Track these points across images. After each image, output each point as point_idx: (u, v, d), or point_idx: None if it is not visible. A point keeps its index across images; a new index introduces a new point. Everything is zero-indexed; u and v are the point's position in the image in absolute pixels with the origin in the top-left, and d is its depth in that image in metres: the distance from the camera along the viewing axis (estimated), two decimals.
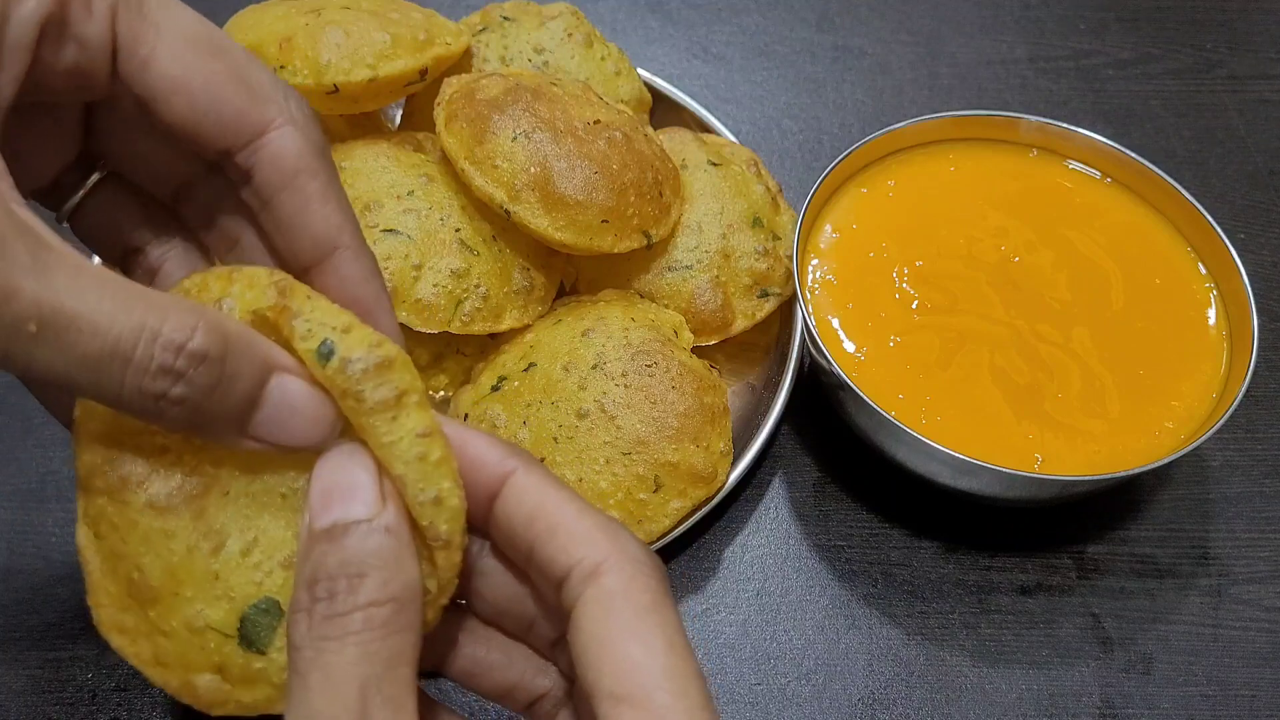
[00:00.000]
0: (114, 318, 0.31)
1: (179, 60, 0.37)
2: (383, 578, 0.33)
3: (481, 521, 0.36)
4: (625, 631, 0.32)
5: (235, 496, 0.37)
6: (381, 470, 0.34)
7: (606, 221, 0.61)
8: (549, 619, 0.38)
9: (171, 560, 0.36)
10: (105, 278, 0.31)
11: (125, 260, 0.44)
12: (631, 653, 0.32)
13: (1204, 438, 0.57)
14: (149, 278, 0.44)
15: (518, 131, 0.60)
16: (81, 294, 0.31)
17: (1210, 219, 0.66)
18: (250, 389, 0.34)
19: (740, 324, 0.66)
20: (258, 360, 0.34)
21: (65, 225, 0.43)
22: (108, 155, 0.42)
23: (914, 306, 0.65)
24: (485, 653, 0.38)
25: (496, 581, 0.38)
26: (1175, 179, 0.68)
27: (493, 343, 0.65)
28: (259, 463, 0.37)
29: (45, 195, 0.43)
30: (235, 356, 0.33)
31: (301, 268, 0.40)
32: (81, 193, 0.42)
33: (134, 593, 0.37)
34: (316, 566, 0.33)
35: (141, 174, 0.43)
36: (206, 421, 0.34)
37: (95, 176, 0.43)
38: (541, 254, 0.64)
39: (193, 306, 0.32)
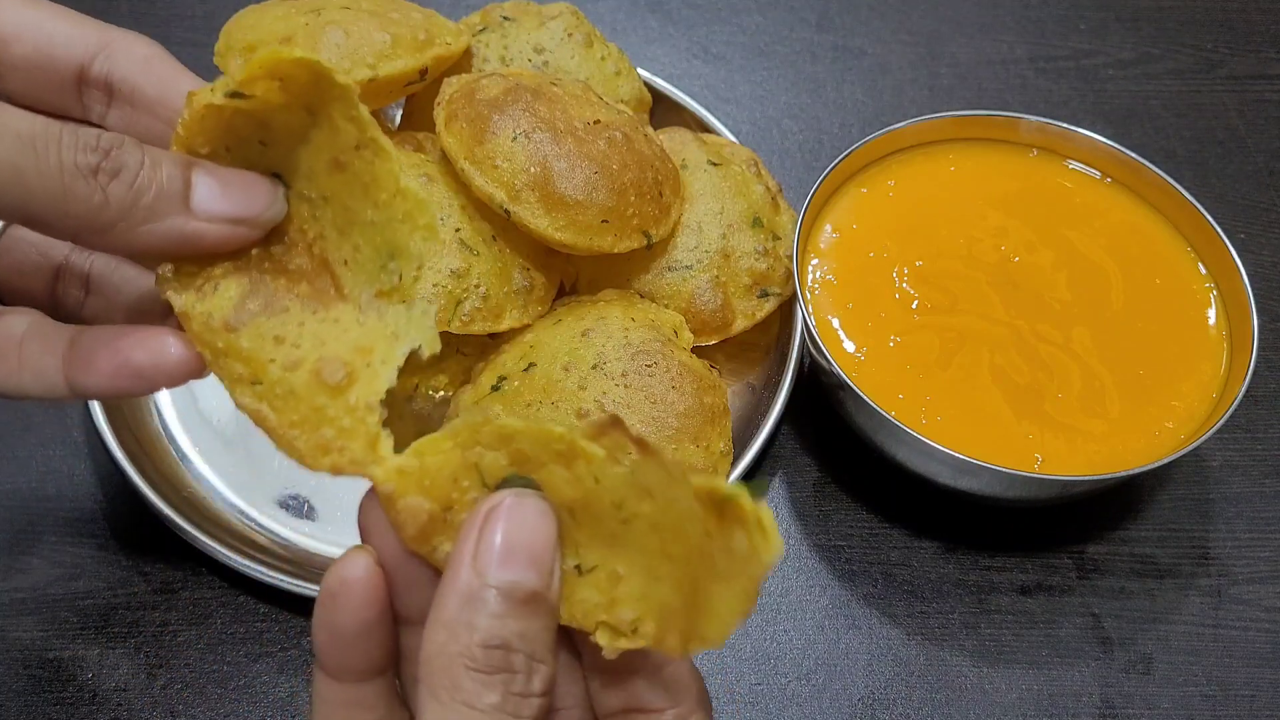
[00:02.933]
0: (24, 118, 0.34)
1: (13, 10, 0.41)
2: (551, 668, 0.33)
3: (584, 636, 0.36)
4: None
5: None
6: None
7: (606, 221, 0.61)
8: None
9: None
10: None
11: (55, 288, 0.45)
12: None
13: (1204, 438, 0.57)
14: (82, 287, 0.45)
15: (518, 131, 0.60)
16: None
17: (1210, 219, 0.66)
18: (178, 170, 0.36)
19: (740, 324, 0.66)
20: (172, 151, 0.37)
21: None
22: None
23: (914, 306, 0.65)
24: None
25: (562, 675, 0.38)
26: (1175, 179, 0.68)
27: (493, 343, 0.64)
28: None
29: None
30: (151, 149, 0.36)
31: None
32: None
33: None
34: (495, 628, 0.32)
35: None
36: (150, 201, 0.36)
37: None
38: (541, 254, 0.64)
39: None
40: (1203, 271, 0.67)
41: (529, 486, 0.35)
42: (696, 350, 0.64)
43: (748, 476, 0.65)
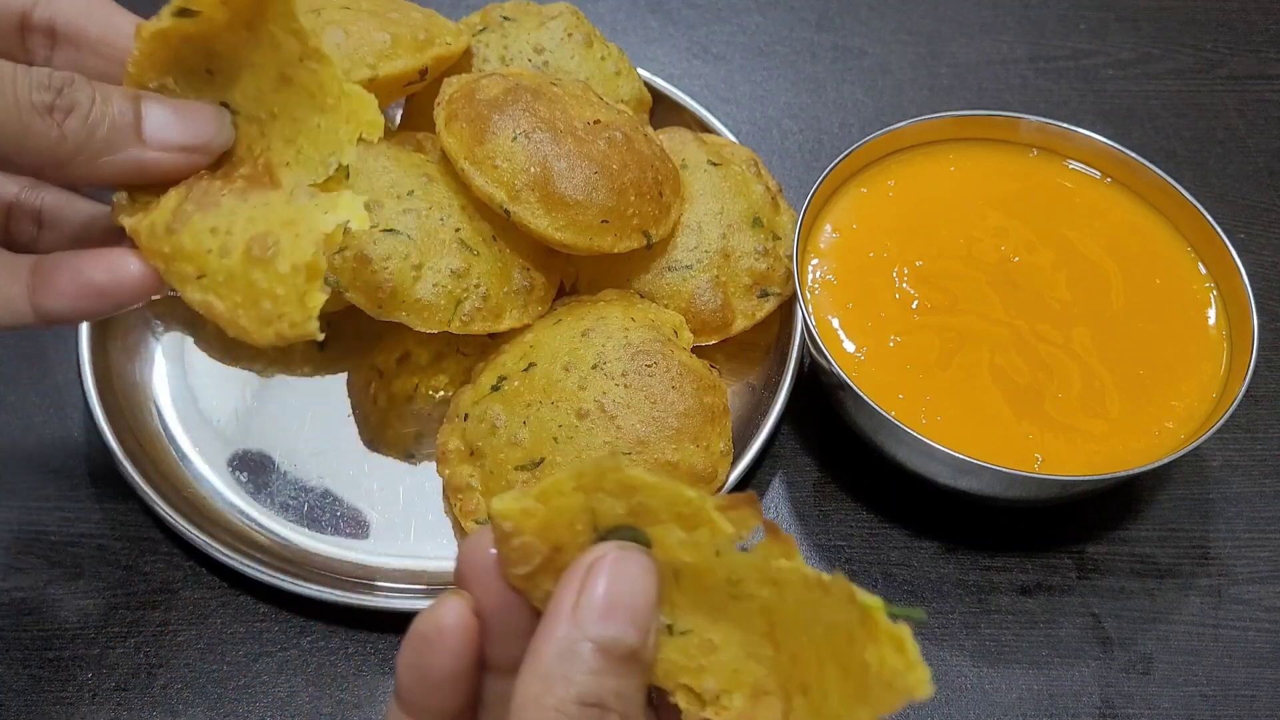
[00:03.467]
0: None
1: None
2: None
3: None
4: None
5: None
6: None
7: (606, 221, 0.61)
8: None
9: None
10: None
11: (8, 225, 0.46)
12: None
13: (1204, 438, 0.57)
14: (35, 223, 0.46)
15: (518, 131, 0.60)
16: None
17: (1210, 219, 0.66)
18: (128, 104, 0.38)
19: (740, 324, 0.66)
20: (121, 87, 0.39)
21: None
22: None
23: (914, 306, 0.65)
24: None
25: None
26: (1175, 179, 0.68)
27: (493, 343, 0.64)
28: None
29: None
30: (101, 85, 0.38)
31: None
32: None
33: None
34: (592, 685, 0.31)
35: None
36: (105, 134, 0.37)
37: None
38: (541, 254, 0.64)
39: None
40: (1203, 271, 0.67)
41: (639, 540, 0.34)
42: (696, 350, 0.64)
43: (747, 477, 0.65)
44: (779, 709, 0.34)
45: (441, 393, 0.66)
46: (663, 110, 0.76)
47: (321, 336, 0.40)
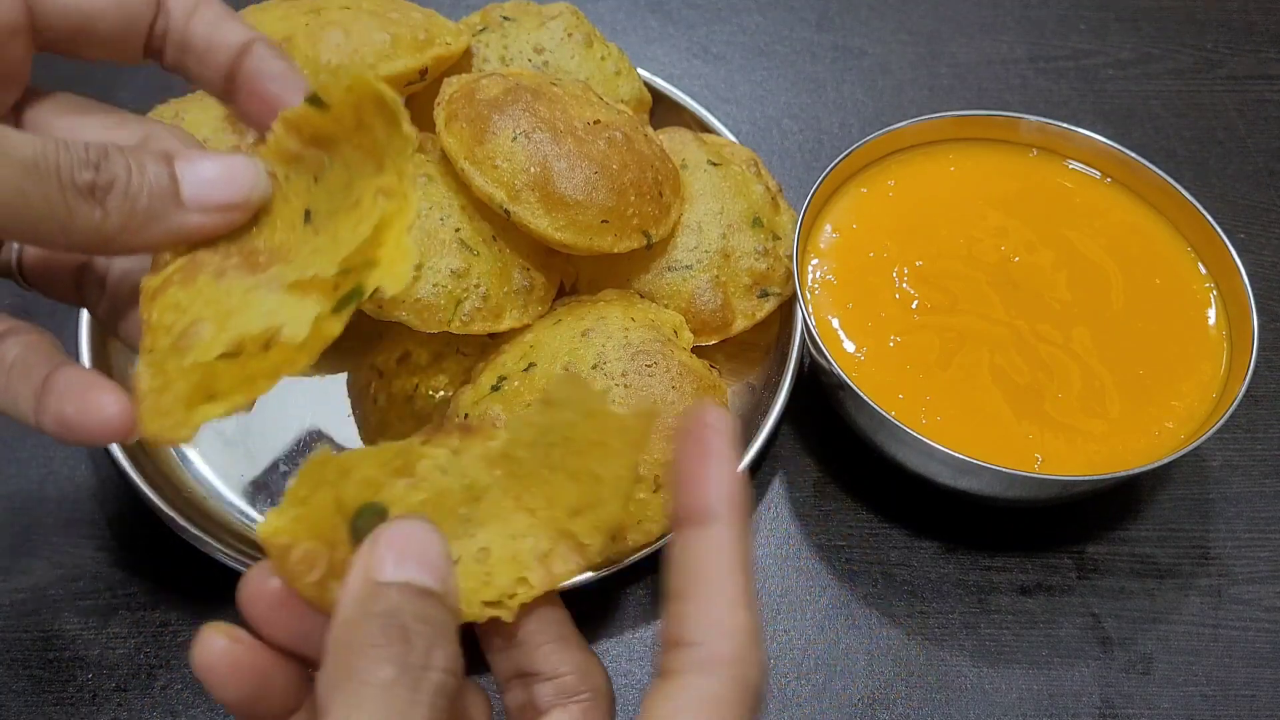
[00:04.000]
0: (25, 141, 0.35)
1: None
2: (451, 651, 0.33)
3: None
4: None
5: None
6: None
7: (606, 221, 0.61)
8: None
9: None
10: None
11: (80, 284, 0.45)
12: None
13: (1204, 438, 0.57)
14: (99, 287, 0.44)
15: (518, 131, 0.60)
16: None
17: (1210, 219, 0.66)
18: (163, 167, 0.37)
19: (740, 324, 0.66)
20: (156, 149, 0.38)
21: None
22: None
23: (914, 306, 0.65)
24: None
25: None
26: (1175, 179, 0.68)
27: (493, 343, 0.64)
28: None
29: None
30: (133, 152, 0.37)
31: (224, 78, 0.43)
32: (17, 246, 0.44)
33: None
34: (393, 610, 0.32)
35: None
36: (145, 204, 0.36)
37: None
38: (541, 254, 0.64)
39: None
40: (1203, 271, 0.67)
41: (379, 512, 0.36)
42: (696, 350, 0.64)
43: (748, 476, 0.65)
44: (569, 553, 0.37)
45: (441, 393, 0.66)
46: (663, 110, 0.76)
47: (190, 441, 0.37)
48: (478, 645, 0.39)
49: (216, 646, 0.35)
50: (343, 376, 0.67)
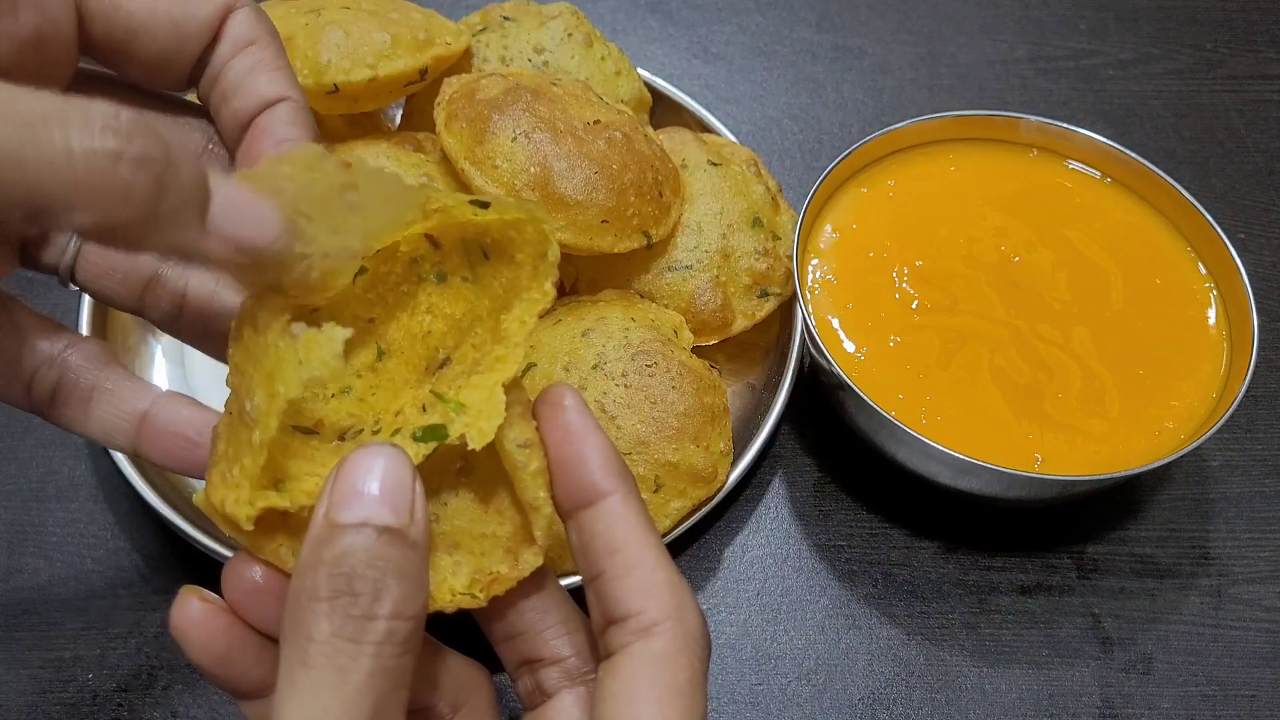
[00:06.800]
0: (34, 98, 0.28)
1: None
2: (407, 591, 0.32)
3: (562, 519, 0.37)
4: (654, 705, 0.33)
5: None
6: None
7: (606, 221, 0.61)
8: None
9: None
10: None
11: (144, 296, 0.42)
12: None
13: (1204, 438, 0.57)
14: (176, 305, 0.42)
15: (518, 131, 0.60)
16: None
17: (1210, 219, 0.66)
18: (197, 171, 0.31)
19: (740, 324, 0.66)
20: (188, 148, 0.35)
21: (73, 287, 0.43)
22: None
23: (914, 306, 0.65)
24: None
25: None
26: (1175, 179, 0.68)
27: None
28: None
29: (35, 258, 0.41)
30: (168, 139, 0.30)
31: (239, 127, 0.39)
32: (75, 243, 0.41)
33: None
34: (341, 556, 0.31)
35: None
36: (170, 203, 0.30)
37: None
38: None
39: None
40: (1203, 271, 0.67)
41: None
42: (696, 350, 0.64)
43: (747, 477, 0.65)
44: (532, 551, 0.37)
45: None
46: (663, 110, 0.76)
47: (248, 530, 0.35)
48: (485, 639, 0.40)
49: (191, 609, 0.35)
50: None
